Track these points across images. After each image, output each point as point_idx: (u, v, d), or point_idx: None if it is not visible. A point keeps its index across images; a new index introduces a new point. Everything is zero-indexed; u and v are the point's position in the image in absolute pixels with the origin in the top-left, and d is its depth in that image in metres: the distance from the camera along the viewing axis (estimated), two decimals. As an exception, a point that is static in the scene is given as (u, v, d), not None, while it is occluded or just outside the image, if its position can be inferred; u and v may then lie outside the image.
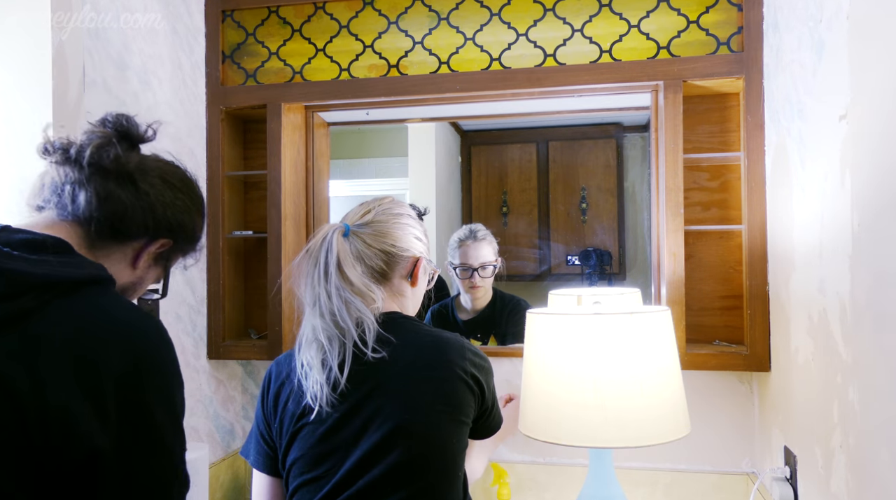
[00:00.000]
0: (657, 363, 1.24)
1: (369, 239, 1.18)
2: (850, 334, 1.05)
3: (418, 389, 1.12)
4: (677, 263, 1.64)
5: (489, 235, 2.08)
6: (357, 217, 1.20)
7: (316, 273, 1.13)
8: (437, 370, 1.13)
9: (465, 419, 1.16)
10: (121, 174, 0.90)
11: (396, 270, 1.21)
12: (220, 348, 1.88)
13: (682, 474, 1.78)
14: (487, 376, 1.21)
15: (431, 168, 2.40)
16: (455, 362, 1.14)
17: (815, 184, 1.23)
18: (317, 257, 1.14)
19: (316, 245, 1.16)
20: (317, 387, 1.11)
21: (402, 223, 1.21)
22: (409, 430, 1.10)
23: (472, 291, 2.05)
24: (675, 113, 1.65)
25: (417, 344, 1.15)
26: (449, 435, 1.13)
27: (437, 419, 1.12)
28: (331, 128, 2.09)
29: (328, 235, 1.16)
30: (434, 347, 1.16)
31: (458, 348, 1.17)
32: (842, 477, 1.09)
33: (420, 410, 1.11)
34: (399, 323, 1.18)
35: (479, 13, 1.78)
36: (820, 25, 1.18)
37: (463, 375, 1.14)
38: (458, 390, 1.14)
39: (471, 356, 1.17)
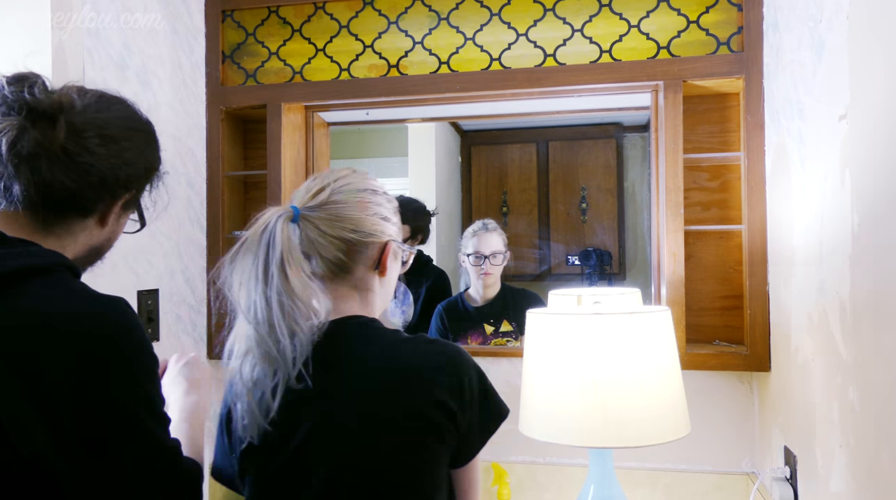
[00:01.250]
0: (657, 363, 1.24)
1: (324, 225, 0.94)
2: (850, 334, 1.05)
3: (365, 434, 0.90)
4: (677, 263, 1.64)
5: (500, 228, 2.20)
6: (308, 197, 0.96)
7: (254, 272, 0.89)
8: (394, 413, 0.90)
9: (433, 466, 0.93)
10: (51, 156, 0.79)
11: (360, 260, 0.98)
12: (220, 348, 1.88)
13: (682, 474, 1.78)
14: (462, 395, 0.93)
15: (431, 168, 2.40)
16: (418, 396, 0.90)
17: (815, 184, 1.23)
18: (255, 252, 0.90)
19: (255, 236, 0.91)
20: (248, 416, 0.90)
21: (366, 202, 0.98)
22: (354, 488, 0.89)
23: (483, 277, 2.14)
24: (675, 113, 1.65)
25: (369, 370, 0.92)
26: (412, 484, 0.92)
27: (391, 476, 0.90)
28: (331, 128, 2.09)
29: (271, 222, 0.91)
30: (393, 376, 0.92)
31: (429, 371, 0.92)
32: (842, 477, 1.09)
33: (367, 462, 0.89)
34: (350, 336, 0.95)
35: (479, 13, 1.78)
36: (820, 25, 1.18)
37: (430, 414, 0.90)
38: (421, 440, 0.90)
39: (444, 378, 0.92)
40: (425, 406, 0.90)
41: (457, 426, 0.92)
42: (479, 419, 0.95)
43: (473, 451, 0.97)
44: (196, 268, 1.85)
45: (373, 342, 0.95)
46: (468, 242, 2.18)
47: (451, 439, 0.92)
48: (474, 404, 0.94)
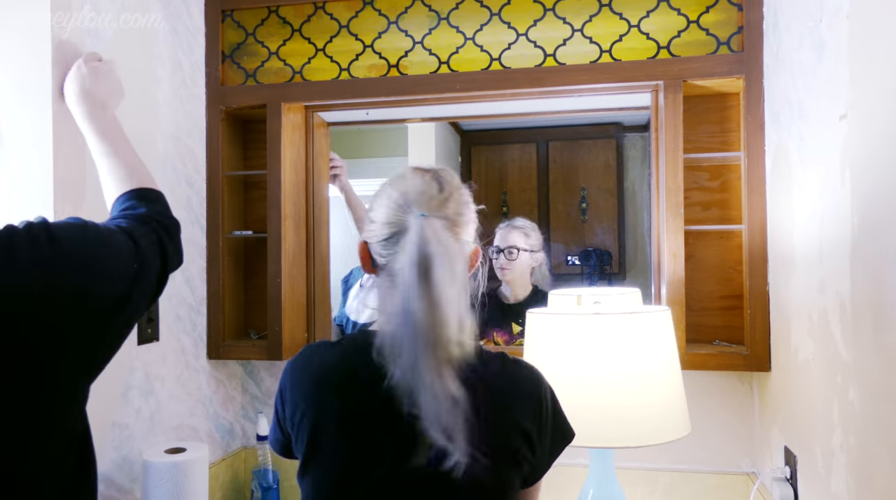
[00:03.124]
0: (657, 363, 1.24)
1: (454, 235, 0.93)
2: (850, 334, 1.05)
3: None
4: (677, 263, 1.64)
5: (531, 228, 2.22)
6: (437, 204, 0.93)
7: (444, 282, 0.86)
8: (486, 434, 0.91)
9: (509, 488, 0.96)
10: None
11: (466, 269, 0.98)
12: (220, 348, 1.88)
13: (682, 474, 1.78)
14: (539, 417, 0.97)
15: (431, 168, 2.40)
16: (508, 422, 0.94)
17: (815, 184, 1.23)
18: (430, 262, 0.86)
19: (418, 240, 0.88)
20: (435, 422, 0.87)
21: (474, 215, 0.99)
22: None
23: (500, 271, 2.17)
24: (675, 113, 1.65)
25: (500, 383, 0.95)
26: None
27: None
28: (331, 128, 2.09)
29: (437, 234, 0.88)
30: (496, 402, 0.94)
31: (518, 395, 0.96)
32: (842, 477, 1.09)
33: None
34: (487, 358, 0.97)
35: (479, 13, 1.78)
36: (820, 25, 1.18)
37: (514, 441, 0.94)
38: (504, 466, 0.94)
39: (529, 402, 0.96)
40: (515, 436, 0.94)
41: (533, 451, 0.96)
42: (552, 443, 1.00)
43: (540, 473, 1.00)
44: (196, 268, 1.85)
45: (488, 365, 0.96)
46: (495, 237, 2.21)
47: (526, 466, 0.96)
48: (550, 429, 0.99)
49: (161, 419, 1.68)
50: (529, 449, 0.95)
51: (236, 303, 1.98)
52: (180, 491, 1.49)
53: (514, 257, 2.15)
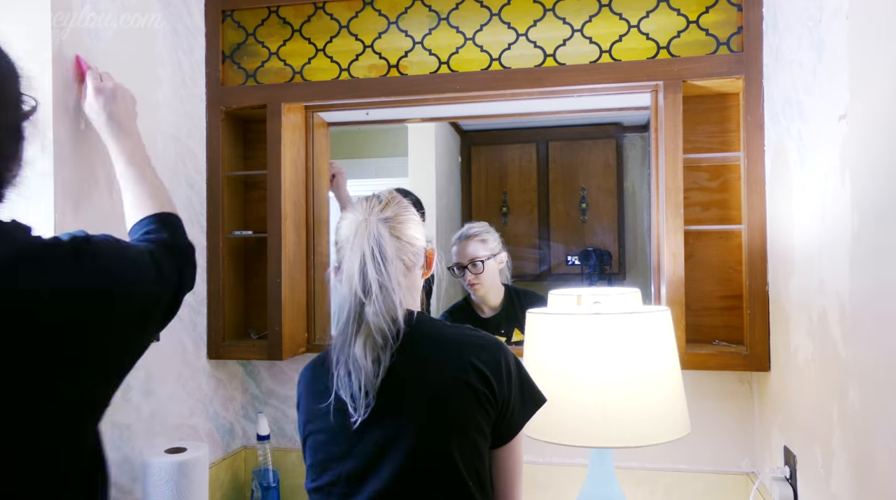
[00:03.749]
0: (657, 363, 1.24)
1: (398, 232, 1.13)
2: (849, 334, 1.05)
3: (420, 393, 1.07)
4: (677, 263, 1.64)
5: (485, 231, 2.11)
6: (378, 210, 1.14)
7: (375, 262, 1.08)
8: (442, 374, 1.07)
9: (475, 427, 1.08)
10: None
11: (417, 262, 1.18)
12: (220, 348, 1.88)
13: (682, 474, 1.78)
14: (497, 366, 1.09)
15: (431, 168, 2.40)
16: (462, 361, 1.08)
17: (815, 184, 1.23)
18: (363, 249, 1.09)
19: (360, 235, 1.10)
20: (358, 392, 1.06)
21: (413, 215, 1.19)
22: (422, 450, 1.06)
23: (470, 288, 2.08)
24: (675, 113, 1.65)
25: (429, 346, 1.11)
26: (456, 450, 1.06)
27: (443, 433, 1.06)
28: (331, 128, 2.09)
29: (373, 226, 1.10)
30: (443, 348, 1.10)
31: (470, 346, 1.10)
32: (842, 477, 1.09)
33: (423, 419, 1.06)
34: (421, 323, 1.13)
35: (479, 13, 1.78)
36: (820, 25, 1.18)
37: (468, 378, 1.07)
38: (463, 397, 1.06)
39: (482, 353, 1.09)
40: (466, 370, 1.06)
41: (494, 395, 1.07)
42: (519, 399, 1.11)
43: (514, 429, 1.12)
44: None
45: (433, 327, 1.14)
46: (451, 253, 2.09)
47: (489, 406, 1.07)
48: (512, 383, 1.10)
49: (161, 419, 1.68)
50: (485, 385, 1.06)
51: (236, 303, 1.98)
52: (180, 491, 1.49)
53: (479, 269, 2.03)
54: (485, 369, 1.07)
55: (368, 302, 1.07)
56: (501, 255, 2.11)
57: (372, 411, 1.06)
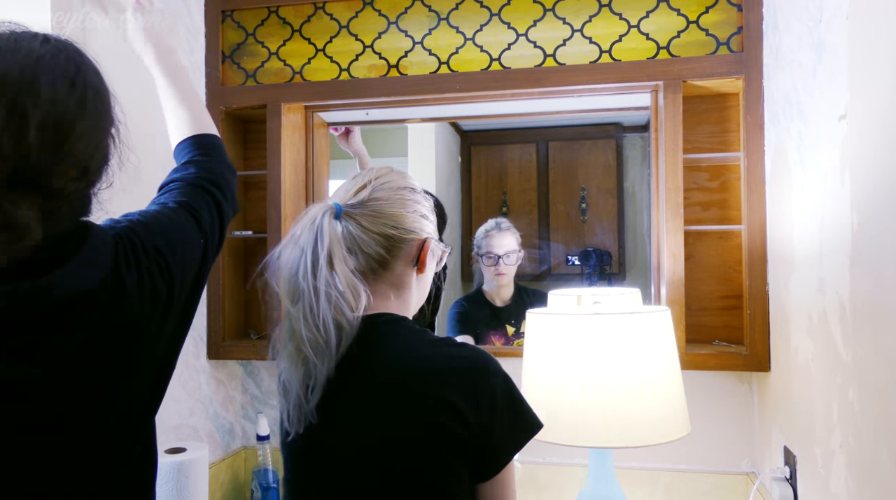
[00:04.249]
0: (657, 363, 1.24)
1: (366, 221, 0.97)
2: (849, 335, 1.05)
3: (385, 426, 0.92)
4: (677, 263, 1.64)
5: (513, 227, 2.22)
6: (350, 194, 0.99)
7: (303, 264, 0.92)
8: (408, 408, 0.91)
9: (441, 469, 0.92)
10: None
11: (399, 256, 1.00)
12: (220, 348, 1.88)
13: (682, 474, 1.78)
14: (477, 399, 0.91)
15: (431, 168, 2.40)
16: (429, 394, 0.90)
17: (814, 184, 1.23)
18: (303, 246, 0.93)
19: (303, 230, 0.95)
20: (293, 408, 0.94)
21: (405, 200, 1.00)
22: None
23: (497, 278, 2.16)
24: (675, 113, 1.65)
25: (390, 365, 0.94)
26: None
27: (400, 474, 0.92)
28: (331, 128, 2.09)
29: (317, 218, 0.94)
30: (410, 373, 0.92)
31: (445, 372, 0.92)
32: (842, 477, 1.09)
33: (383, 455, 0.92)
34: (380, 333, 0.96)
35: (479, 13, 1.78)
36: (820, 25, 1.18)
37: (436, 414, 0.90)
38: (426, 439, 0.90)
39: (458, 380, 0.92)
40: (433, 405, 0.89)
41: (469, 430, 0.90)
42: (508, 428, 0.94)
43: (499, 463, 0.94)
44: (196, 268, 1.85)
45: (399, 341, 0.96)
46: (481, 242, 2.20)
47: (463, 446, 0.90)
48: (497, 411, 0.92)
49: (161, 419, 1.68)
50: (461, 423, 0.89)
51: (236, 303, 1.98)
52: (180, 491, 1.49)
53: (513, 261, 2.16)
54: (461, 403, 0.89)
55: (295, 309, 0.93)
56: (522, 252, 2.23)
57: (326, 442, 0.94)
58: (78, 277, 0.79)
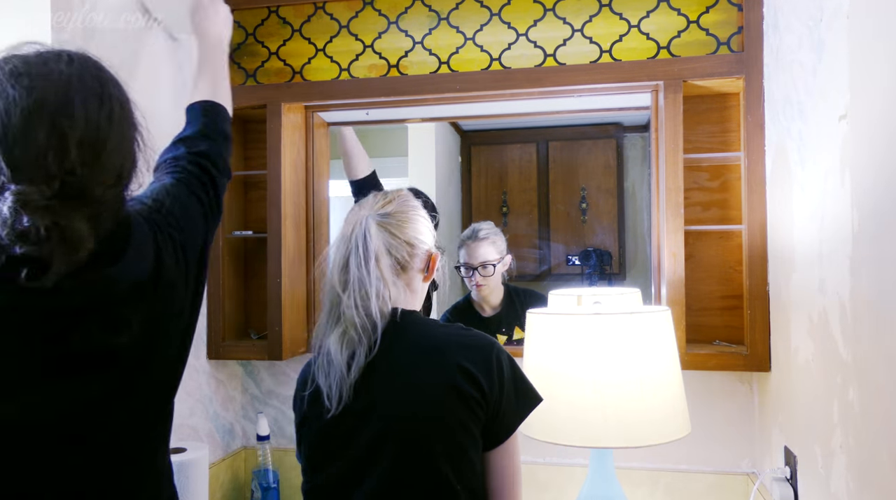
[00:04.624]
0: (657, 363, 1.24)
1: (395, 229, 1.14)
2: (850, 335, 1.05)
3: (407, 398, 1.07)
4: (677, 263, 1.64)
5: (494, 233, 2.13)
6: (379, 206, 1.16)
7: (354, 258, 1.10)
8: (426, 378, 1.07)
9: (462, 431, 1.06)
10: None
11: (414, 263, 1.16)
12: (220, 348, 1.88)
13: (682, 474, 1.78)
14: (487, 364, 1.07)
15: (431, 168, 2.40)
16: (446, 364, 1.07)
17: (815, 184, 1.23)
18: (353, 243, 1.11)
19: (353, 231, 1.13)
20: (335, 383, 1.06)
21: (420, 216, 1.19)
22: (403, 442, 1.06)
23: (476, 289, 2.10)
24: (675, 113, 1.65)
25: (412, 346, 1.11)
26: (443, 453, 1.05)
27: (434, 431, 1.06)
28: (331, 128, 2.09)
29: (364, 221, 1.13)
30: (427, 349, 1.10)
31: (457, 346, 1.09)
32: (842, 477, 1.09)
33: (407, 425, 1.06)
34: (407, 322, 1.12)
35: (479, 13, 1.78)
36: (820, 25, 1.18)
37: (454, 380, 1.05)
38: (447, 401, 1.05)
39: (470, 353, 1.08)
40: (451, 370, 1.05)
41: (484, 396, 1.05)
42: (513, 399, 1.09)
43: (508, 430, 1.09)
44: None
45: (419, 327, 1.13)
46: (459, 251, 2.11)
47: (478, 409, 1.05)
48: (504, 382, 1.08)
49: (161, 419, 1.68)
50: (476, 388, 1.05)
51: (236, 303, 1.98)
52: (180, 491, 1.49)
53: (490, 272, 2.07)
54: (474, 369, 1.05)
55: (346, 296, 1.08)
56: (507, 257, 2.14)
57: (358, 413, 1.06)
58: (133, 270, 0.91)
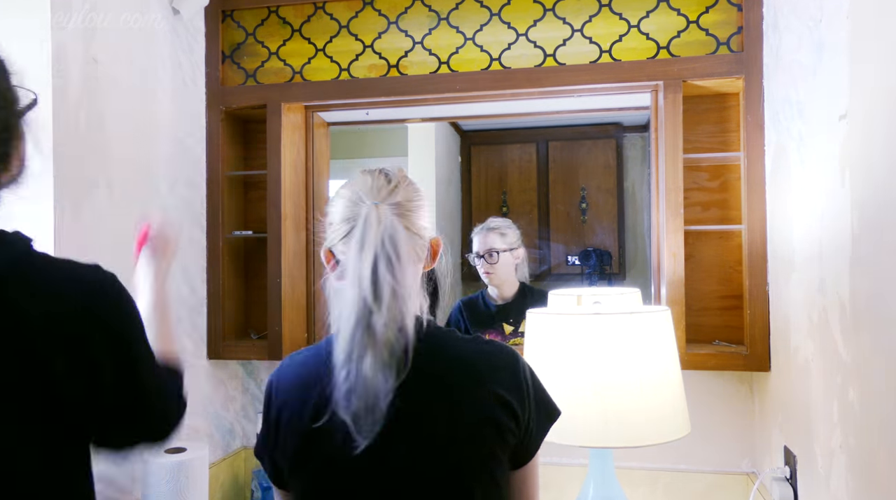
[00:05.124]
0: (657, 363, 1.24)
1: (408, 222, 0.95)
2: (849, 335, 1.05)
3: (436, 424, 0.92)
4: (677, 263, 1.64)
5: (506, 226, 2.21)
6: (386, 193, 0.95)
7: (388, 262, 0.89)
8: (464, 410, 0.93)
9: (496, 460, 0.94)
10: None
11: (425, 256, 1.00)
12: (220, 348, 1.88)
13: (682, 474, 1.78)
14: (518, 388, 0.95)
15: (431, 168, 2.40)
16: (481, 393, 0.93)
17: (815, 184, 1.23)
18: (381, 243, 0.89)
19: (370, 225, 0.91)
20: (366, 414, 0.88)
21: (426, 201, 1.00)
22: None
23: (486, 276, 2.17)
24: (675, 113, 1.65)
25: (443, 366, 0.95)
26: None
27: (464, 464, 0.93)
28: (331, 128, 2.09)
29: (386, 218, 0.91)
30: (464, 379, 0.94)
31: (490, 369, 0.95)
32: (842, 477, 1.09)
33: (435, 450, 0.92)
34: (438, 336, 0.96)
35: (479, 13, 1.78)
36: (820, 25, 1.18)
37: (492, 412, 0.92)
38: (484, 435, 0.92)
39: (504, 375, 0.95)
40: (492, 404, 0.92)
41: (518, 424, 0.94)
42: (537, 419, 0.98)
43: (532, 450, 0.99)
44: (196, 268, 1.85)
45: (447, 342, 0.97)
46: (472, 243, 2.21)
47: (511, 437, 0.94)
48: (532, 404, 0.96)
49: (161, 419, 1.68)
50: (511, 418, 0.93)
51: (236, 303, 1.98)
52: (180, 491, 1.49)
53: (494, 260, 2.16)
54: (509, 397, 0.93)
55: (378, 311, 0.88)
56: (519, 250, 2.20)
57: (382, 439, 0.88)
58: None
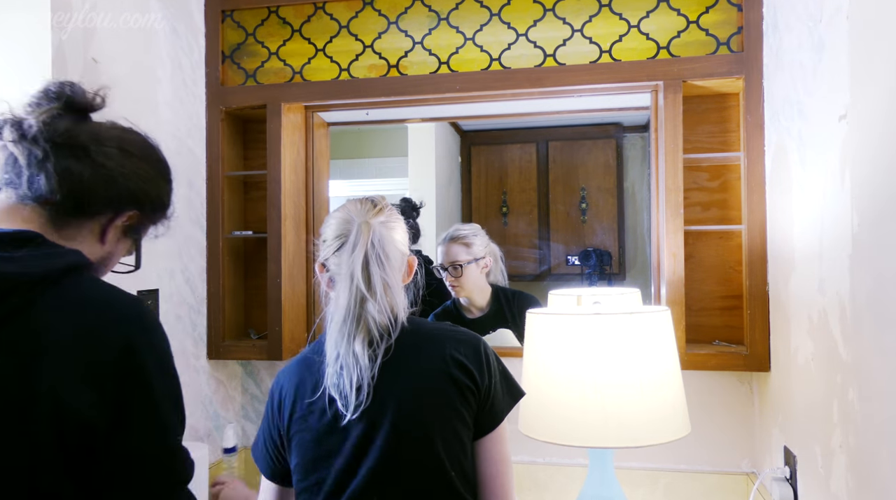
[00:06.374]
0: (657, 363, 1.24)
1: (389, 237, 1.15)
2: (849, 335, 1.05)
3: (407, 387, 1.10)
4: (677, 263, 1.64)
5: (472, 235, 2.07)
6: (372, 215, 1.16)
7: (377, 259, 1.10)
8: (422, 367, 1.11)
9: (457, 417, 1.10)
10: (74, 147, 0.86)
11: (400, 267, 1.18)
12: (220, 348, 1.88)
13: (682, 474, 1.78)
14: (478, 358, 1.12)
15: (431, 168, 2.40)
16: (441, 353, 1.11)
17: (815, 184, 1.23)
18: (371, 245, 1.10)
19: (361, 233, 1.11)
20: (353, 385, 1.07)
21: (402, 224, 1.21)
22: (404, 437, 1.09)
23: (451, 289, 2.06)
24: (675, 113, 1.65)
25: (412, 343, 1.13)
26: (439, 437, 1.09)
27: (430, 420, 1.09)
28: (331, 128, 2.09)
29: (373, 227, 1.12)
30: (422, 341, 1.13)
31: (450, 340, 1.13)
32: (842, 477, 1.09)
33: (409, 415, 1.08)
34: (415, 322, 1.15)
35: (479, 13, 1.78)
36: (820, 25, 1.18)
37: (449, 369, 1.10)
38: (444, 389, 1.09)
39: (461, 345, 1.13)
40: (448, 361, 1.09)
41: (476, 385, 1.10)
42: (502, 389, 1.14)
43: (496, 419, 1.13)
44: (196, 268, 1.85)
45: (420, 325, 1.16)
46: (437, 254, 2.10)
47: (471, 396, 1.10)
48: (493, 373, 1.13)
49: (161, 419, 1.68)
50: (468, 377, 1.09)
51: (236, 303, 1.98)
52: (180, 491, 1.49)
53: (459, 273, 2.03)
54: (465, 360, 1.10)
55: (372, 299, 1.08)
56: (485, 260, 2.07)
57: (368, 412, 1.06)
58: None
